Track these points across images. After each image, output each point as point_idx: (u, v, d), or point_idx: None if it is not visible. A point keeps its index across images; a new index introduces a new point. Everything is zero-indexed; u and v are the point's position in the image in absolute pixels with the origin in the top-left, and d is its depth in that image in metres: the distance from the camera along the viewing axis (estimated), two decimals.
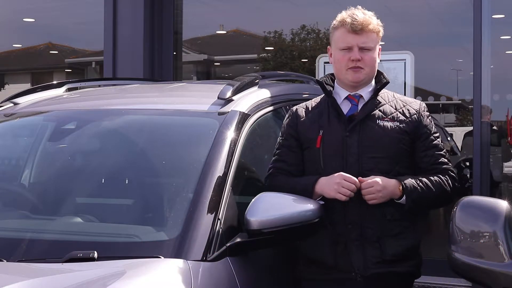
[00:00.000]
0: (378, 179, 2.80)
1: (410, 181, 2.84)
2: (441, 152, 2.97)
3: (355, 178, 2.78)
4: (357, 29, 2.91)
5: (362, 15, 2.95)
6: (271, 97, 3.47)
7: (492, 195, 5.89)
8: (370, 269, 2.84)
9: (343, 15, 2.98)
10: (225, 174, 2.81)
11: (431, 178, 2.88)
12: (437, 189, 2.87)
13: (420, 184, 2.84)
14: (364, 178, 2.80)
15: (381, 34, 3.00)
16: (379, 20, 3.01)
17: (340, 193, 2.77)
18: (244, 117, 3.12)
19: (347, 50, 2.94)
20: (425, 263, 3.04)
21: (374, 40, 2.96)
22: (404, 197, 2.83)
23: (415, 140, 2.94)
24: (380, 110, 2.95)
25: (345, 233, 2.85)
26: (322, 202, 2.82)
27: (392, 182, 2.82)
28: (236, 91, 3.23)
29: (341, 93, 3.00)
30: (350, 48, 2.93)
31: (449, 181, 2.92)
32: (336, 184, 2.78)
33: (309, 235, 2.82)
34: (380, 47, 3.03)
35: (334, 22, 3.02)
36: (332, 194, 2.79)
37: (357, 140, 2.88)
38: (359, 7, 3.02)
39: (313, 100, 3.11)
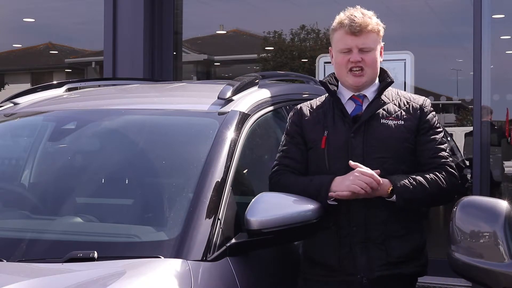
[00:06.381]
0: (378, 177, 2.73)
1: (402, 181, 2.77)
2: (441, 146, 2.92)
3: (372, 172, 2.72)
4: (356, 30, 2.86)
5: (361, 15, 2.89)
6: (271, 97, 3.47)
7: (492, 195, 5.89)
8: (375, 271, 2.80)
9: (341, 17, 2.92)
10: (225, 174, 2.81)
11: (426, 176, 2.81)
12: (432, 186, 2.80)
13: (414, 182, 2.77)
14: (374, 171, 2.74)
15: (381, 33, 2.94)
16: (379, 19, 2.95)
17: (354, 185, 2.70)
18: (244, 117, 3.12)
19: (346, 52, 2.89)
20: None
21: (374, 41, 2.90)
22: (394, 196, 2.77)
23: (416, 135, 2.89)
24: (384, 110, 2.90)
25: (350, 235, 2.82)
26: (335, 203, 2.78)
27: (385, 182, 2.76)
28: (236, 91, 3.23)
29: (345, 94, 2.96)
30: (349, 50, 2.88)
31: (446, 178, 2.84)
32: (352, 175, 2.72)
33: (309, 235, 2.82)
34: (382, 45, 2.97)
35: (333, 24, 2.96)
36: (346, 185, 2.71)
37: (362, 141, 2.84)
38: (358, 7, 2.96)
39: (317, 99, 3.07)
